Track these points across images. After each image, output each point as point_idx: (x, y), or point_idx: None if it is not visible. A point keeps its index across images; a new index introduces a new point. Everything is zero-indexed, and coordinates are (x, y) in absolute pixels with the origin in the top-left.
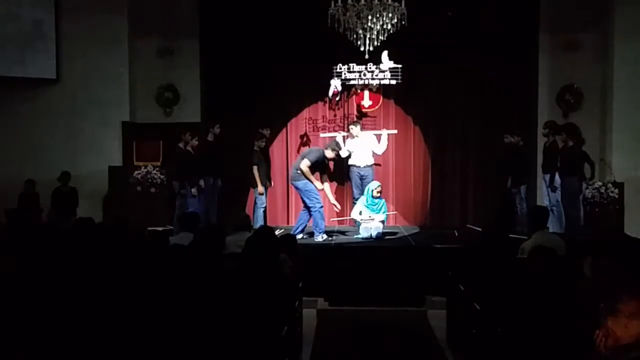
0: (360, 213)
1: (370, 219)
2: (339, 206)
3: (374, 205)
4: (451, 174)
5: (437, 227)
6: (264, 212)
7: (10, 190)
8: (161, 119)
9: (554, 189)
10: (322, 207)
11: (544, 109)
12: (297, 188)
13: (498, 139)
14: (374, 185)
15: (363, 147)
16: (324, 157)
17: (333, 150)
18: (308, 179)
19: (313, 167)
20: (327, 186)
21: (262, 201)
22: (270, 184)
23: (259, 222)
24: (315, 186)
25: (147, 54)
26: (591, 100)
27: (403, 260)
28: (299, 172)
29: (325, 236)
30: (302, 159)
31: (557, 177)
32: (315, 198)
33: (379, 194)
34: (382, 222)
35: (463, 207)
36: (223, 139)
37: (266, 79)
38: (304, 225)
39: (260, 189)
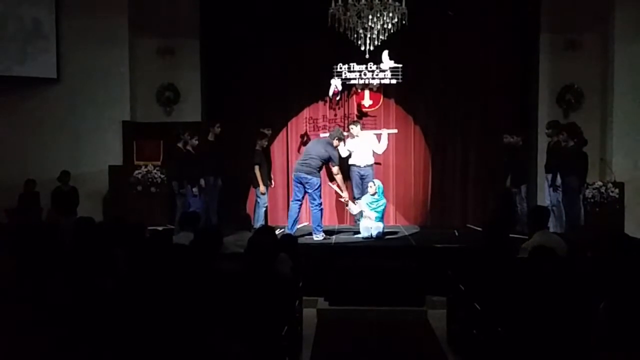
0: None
1: (359, 213)
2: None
3: (373, 203)
4: (451, 173)
5: (438, 227)
6: (265, 211)
7: (11, 189)
8: (161, 118)
9: (555, 189)
10: (322, 204)
11: (545, 109)
12: (307, 183)
13: (498, 138)
14: (370, 182)
15: (363, 146)
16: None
17: (340, 139)
18: (340, 186)
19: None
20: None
21: (264, 201)
22: (271, 184)
23: (259, 222)
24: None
25: (147, 53)
26: (592, 100)
27: (403, 260)
28: (316, 170)
29: (324, 234)
30: (326, 160)
31: (558, 176)
32: (320, 195)
33: (370, 189)
34: (376, 218)
35: (463, 207)
36: (223, 139)
37: (266, 78)
38: (297, 220)
39: (262, 188)
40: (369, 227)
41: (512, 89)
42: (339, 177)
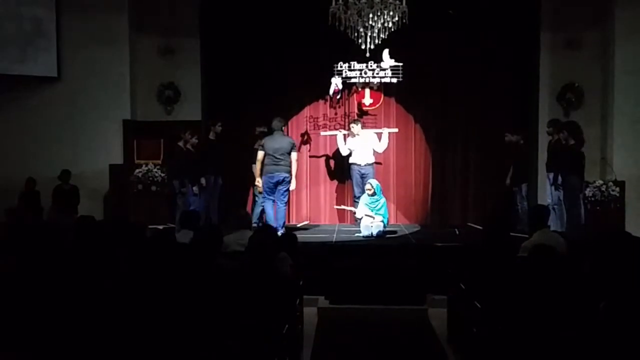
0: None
1: (370, 216)
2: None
3: (373, 203)
4: (452, 172)
5: (438, 226)
6: (262, 210)
7: (11, 188)
8: (162, 117)
9: (557, 188)
10: None
11: (545, 108)
12: (285, 181)
13: (499, 137)
14: (367, 184)
15: (364, 145)
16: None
17: (284, 125)
18: (293, 172)
19: None
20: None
21: (261, 200)
22: None
23: (256, 220)
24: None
25: (148, 52)
26: (592, 99)
27: (404, 259)
28: (289, 166)
29: None
30: (290, 152)
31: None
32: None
33: (369, 191)
34: (383, 222)
35: (464, 206)
36: (224, 137)
37: (267, 77)
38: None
39: (260, 187)
40: (370, 225)
41: (513, 87)
42: (295, 165)
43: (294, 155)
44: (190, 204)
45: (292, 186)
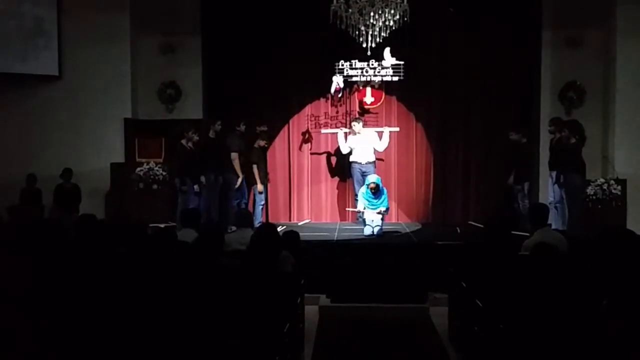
0: (363, 210)
1: (379, 213)
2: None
3: (374, 199)
4: (453, 170)
5: (439, 224)
6: (262, 209)
7: (12, 186)
8: (163, 115)
9: (560, 186)
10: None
11: (547, 106)
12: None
13: (500, 135)
14: (368, 181)
15: (365, 143)
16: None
17: (238, 126)
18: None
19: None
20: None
21: (260, 199)
22: (269, 181)
23: (257, 220)
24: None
25: (149, 50)
26: (594, 97)
27: (405, 257)
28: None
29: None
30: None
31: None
32: (242, 195)
33: (372, 190)
34: (383, 213)
35: (465, 204)
36: (224, 136)
37: (268, 75)
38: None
39: (260, 187)
40: (371, 224)
41: (514, 86)
42: (235, 163)
43: (231, 155)
44: (190, 203)
45: (237, 184)
